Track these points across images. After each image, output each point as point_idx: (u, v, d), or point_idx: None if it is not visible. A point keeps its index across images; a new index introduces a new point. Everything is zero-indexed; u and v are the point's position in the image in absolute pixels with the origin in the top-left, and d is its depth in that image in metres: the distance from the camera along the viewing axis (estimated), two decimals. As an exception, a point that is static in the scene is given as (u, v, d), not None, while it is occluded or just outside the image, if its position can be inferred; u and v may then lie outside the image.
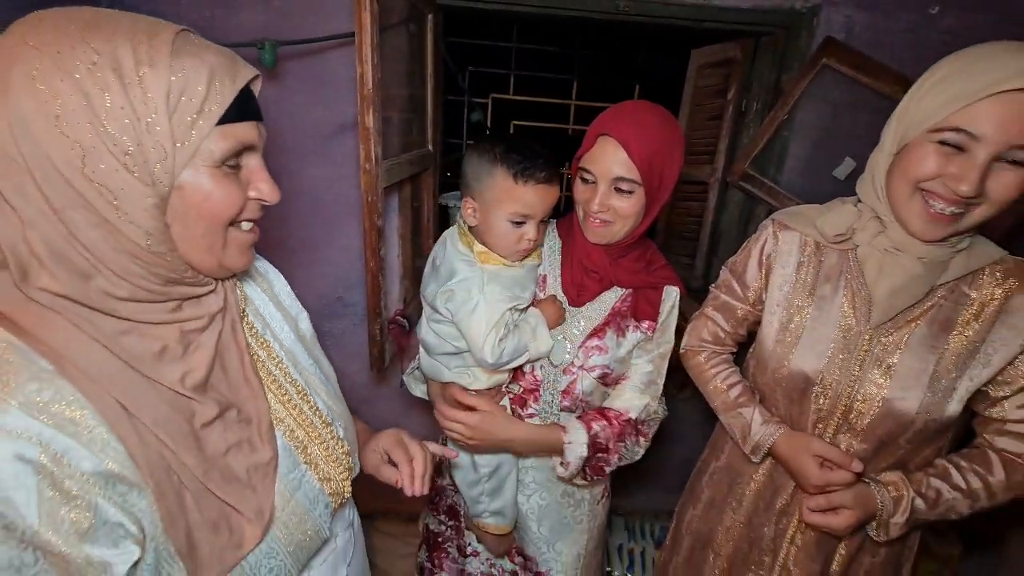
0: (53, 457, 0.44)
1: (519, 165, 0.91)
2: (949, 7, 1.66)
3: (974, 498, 0.88)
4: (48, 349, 0.48)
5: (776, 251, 1.00)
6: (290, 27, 1.54)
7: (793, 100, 1.68)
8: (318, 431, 0.69)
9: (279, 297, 0.78)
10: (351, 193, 1.71)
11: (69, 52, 0.45)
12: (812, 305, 0.94)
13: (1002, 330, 0.83)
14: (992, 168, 0.72)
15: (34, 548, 0.43)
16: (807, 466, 0.92)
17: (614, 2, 1.61)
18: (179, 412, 0.53)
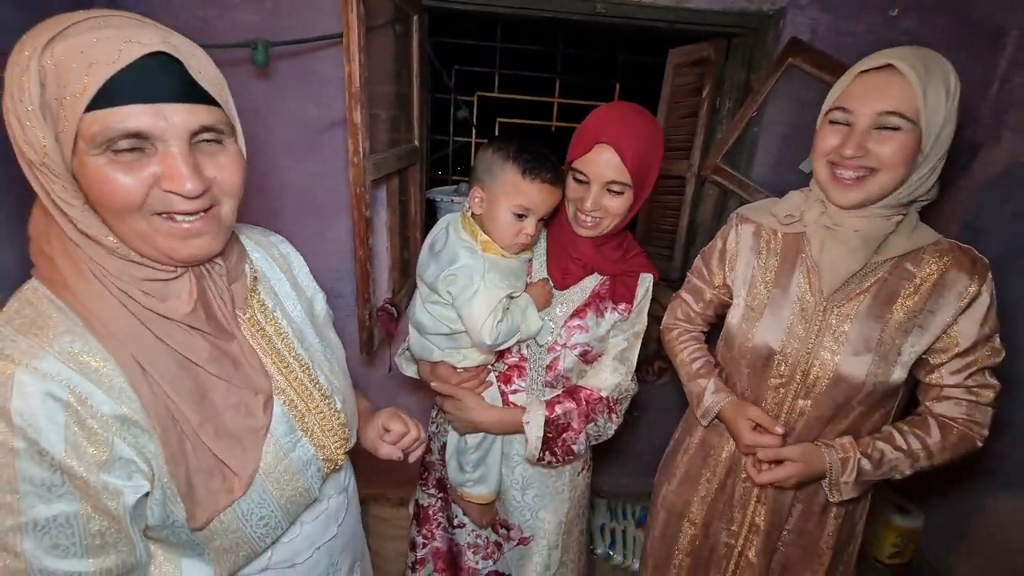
0: (79, 399, 0.52)
1: (529, 163, 0.99)
2: (908, 10, 1.76)
3: (914, 458, 0.98)
4: (82, 307, 0.55)
5: (739, 241, 1.11)
6: (281, 27, 1.60)
7: (761, 98, 1.77)
8: (316, 403, 0.74)
9: (297, 278, 0.83)
10: (341, 188, 1.78)
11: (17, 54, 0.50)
12: (773, 285, 1.05)
13: (937, 301, 0.93)
14: (872, 136, 0.87)
15: (62, 472, 0.50)
16: (742, 429, 1.04)
17: (591, 4, 1.69)
18: (184, 370, 0.59)
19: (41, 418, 0.49)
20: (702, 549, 1.19)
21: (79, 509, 0.51)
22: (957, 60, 1.84)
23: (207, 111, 0.55)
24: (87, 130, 0.49)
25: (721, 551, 1.16)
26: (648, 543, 1.31)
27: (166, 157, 0.52)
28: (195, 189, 0.53)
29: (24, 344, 0.51)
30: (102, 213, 0.53)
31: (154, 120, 0.51)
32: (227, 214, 0.61)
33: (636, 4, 1.71)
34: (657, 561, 1.27)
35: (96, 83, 0.48)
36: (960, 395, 0.96)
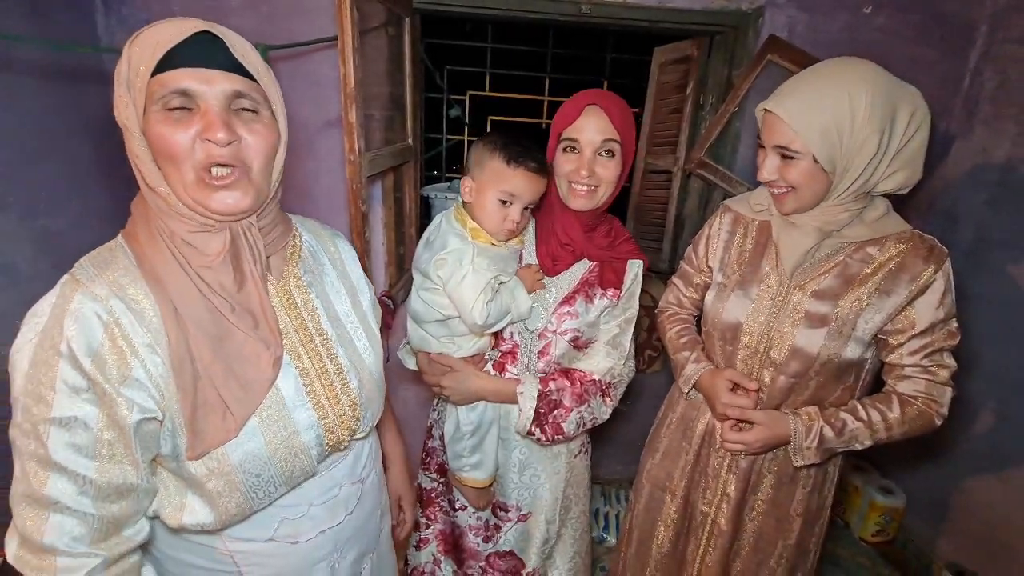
0: (115, 321, 0.64)
1: (513, 152, 1.05)
2: (881, 8, 1.83)
3: (873, 429, 1.04)
4: (143, 254, 0.68)
5: (721, 228, 1.21)
6: (277, 30, 1.66)
7: (742, 94, 1.84)
8: (328, 376, 0.80)
9: (346, 267, 0.93)
10: (338, 185, 1.83)
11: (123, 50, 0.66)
12: (745, 266, 1.13)
13: (892, 283, 1.00)
14: (783, 161, 1.00)
15: (89, 379, 0.62)
16: (720, 388, 1.12)
17: (577, 6, 1.75)
18: (210, 315, 0.68)
19: (84, 330, 0.62)
20: (682, 520, 1.26)
21: (97, 414, 0.62)
22: (929, 55, 1.93)
23: (243, 81, 0.67)
24: (151, 91, 0.63)
25: (698, 519, 1.23)
26: (631, 517, 1.37)
27: (206, 112, 0.64)
28: (224, 137, 0.64)
29: (91, 272, 0.66)
30: (160, 164, 0.65)
31: (198, 82, 0.63)
32: (257, 176, 0.70)
33: (621, 5, 1.77)
34: (642, 534, 1.33)
35: (159, 54, 0.62)
36: (918, 374, 1.03)
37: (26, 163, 1.35)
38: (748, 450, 1.11)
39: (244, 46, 0.68)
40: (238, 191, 0.68)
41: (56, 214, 1.44)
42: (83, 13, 1.57)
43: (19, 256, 1.33)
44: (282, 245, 0.80)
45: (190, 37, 0.63)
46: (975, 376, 1.91)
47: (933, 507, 2.08)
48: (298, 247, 0.84)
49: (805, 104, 0.94)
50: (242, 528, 0.75)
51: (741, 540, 1.21)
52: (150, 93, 0.63)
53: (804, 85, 0.97)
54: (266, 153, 0.70)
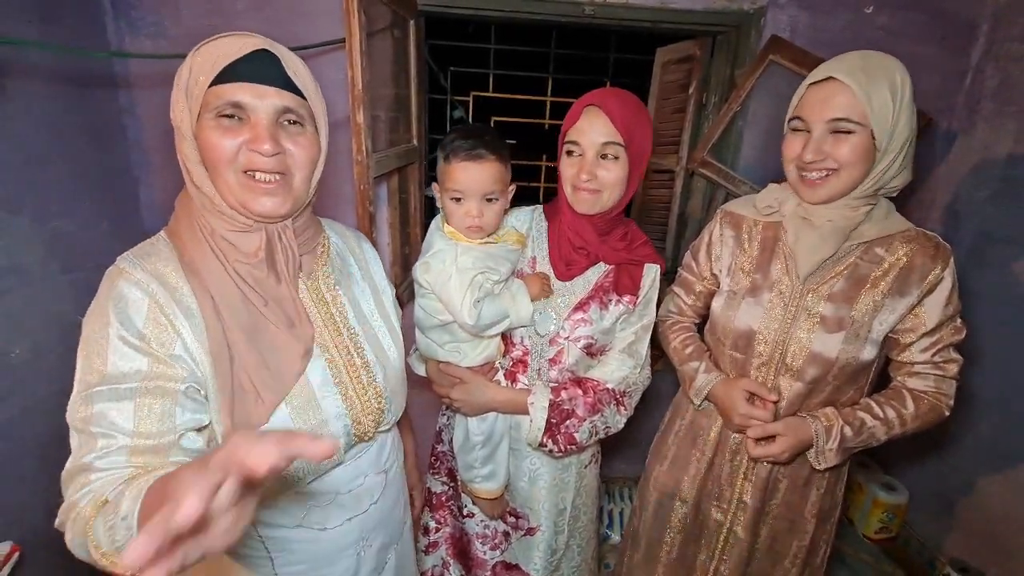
0: (157, 302, 0.68)
1: (449, 146, 1.02)
2: (883, 6, 1.84)
3: (889, 426, 1.05)
4: (184, 248, 0.73)
5: (723, 234, 1.18)
6: (282, 33, 1.64)
7: (745, 93, 1.85)
8: (356, 368, 0.84)
9: (372, 272, 0.98)
10: (342, 186, 1.84)
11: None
12: (754, 271, 1.11)
13: (905, 283, 1.00)
14: (829, 140, 0.96)
15: (140, 338, 0.66)
16: (736, 400, 1.09)
17: (579, 6, 1.76)
18: (245, 306, 0.73)
19: (130, 307, 0.67)
20: (693, 526, 1.25)
21: (149, 365, 0.66)
22: (930, 53, 1.94)
23: (292, 98, 0.71)
24: (208, 100, 0.67)
25: (711, 527, 1.21)
26: (639, 523, 1.36)
27: (255, 124, 0.69)
28: (270, 149, 0.69)
29: (133, 261, 0.71)
30: (207, 166, 0.70)
31: (251, 96, 0.68)
32: (298, 185, 0.75)
33: (623, 6, 1.78)
34: (650, 540, 1.32)
35: (219, 67, 0.67)
36: (929, 370, 1.04)
37: (37, 166, 1.37)
38: (776, 460, 1.09)
39: (297, 65, 0.73)
40: (279, 197, 0.73)
41: (66, 216, 1.45)
42: (93, 17, 1.59)
43: (31, 258, 1.34)
44: (313, 246, 0.86)
45: (249, 53, 0.68)
46: (978, 372, 1.92)
47: (936, 503, 2.09)
48: (327, 248, 0.89)
49: (868, 75, 0.92)
50: (272, 514, 0.78)
51: (756, 545, 1.20)
52: (206, 102, 0.67)
53: (859, 60, 0.94)
54: (308, 163, 0.75)
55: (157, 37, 1.65)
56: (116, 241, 0.77)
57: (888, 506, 2.13)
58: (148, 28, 1.64)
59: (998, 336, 1.86)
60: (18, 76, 1.30)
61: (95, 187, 1.55)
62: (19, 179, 1.31)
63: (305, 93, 0.73)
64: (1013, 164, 1.83)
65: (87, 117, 1.52)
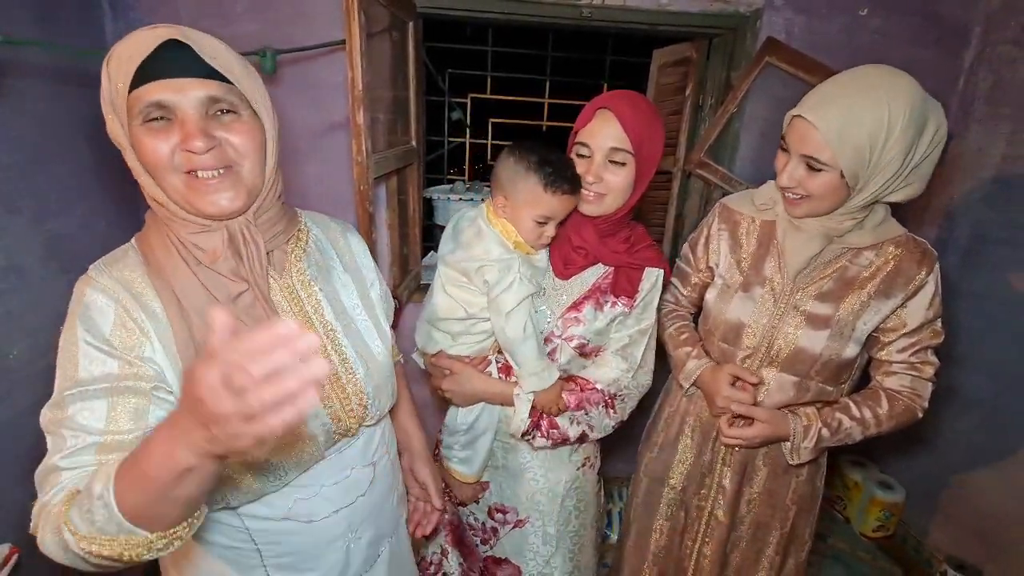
0: (125, 307, 0.69)
1: (550, 177, 1.02)
2: (877, 9, 1.86)
3: (865, 426, 1.08)
4: (151, 253, 0.72)
5: (720, 228, 1.21)
6: (281, 35, 1.68)
7: (741, 95, 1.86)
8: (334, 367, 0.81)
9: (356, 260, 0.95)
10: (341, 187, 1.85)
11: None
12: (748, 267, 1.14)
13: (890, 286, 1.04)
14: (801, 169, 0.98)
15: (108, 344, 0.67)
16: (721, 382, 1.12)
17: (577, 9, 1.78)
18: (211, 304, 0.71)
19: (97, 312, 0.68)
20: (679, 513, 1.28)
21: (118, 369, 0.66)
22: (924, 56, 1.97)
23: (217, 86, 0.67)
24: (130, 106, 0.64)
25: (693, 514, 1.26)
26: (631, 511, 1.39)
27: (183, 122, 0.65)
28: (202, 146, 0.65)
29: (101, 268, 0.71)
30: (150, 173, 0.68)
31: (171, 93, 0.64)
32: (248, 175, 0.71)
33: (620, 8, 1.80)
34: (640, 527, 1.35)
35: (131, 69, 0.63)
36: (905, 370, 1.08)
37: (36, 167, 1.37)
38: (745, 445, 1.13)
39: (215, 49, 0.68)
40: (230, 191, 0.69)
41: (65, 217, 1.46)
42: (91, 17, 1.59)
43: (30, 258, 1.35)
44: (285, 240, 0.82)
45: (160, 48, 0.63)
46: (972, 371, 1.94)
47: (933, 501, 2.10)
48: (304, 241, 0.86)
49: (844, 117, 0.90)
50: (257, 506, 0.78)
51: (739, 531, 1.23)
52: (130, 108, 0.64)
53: (844, 96, 0.92)
54: (253, 150, 0.71)
55: (156, 38, 1.65)
56: (114, 241, 0.76)
57: (885, 504, 2.14)
58: (147, 29, 1.64)
59: (992, 337, 1.88)
60: (17, 76, 1.31)
61: (93, 187, 1.56)
62: (18, 179, 1.31)
63: (230, 77, 0.68)
64: (1007, 166, 1.85)
65: (85, 117, 1.52)
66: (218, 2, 1.67)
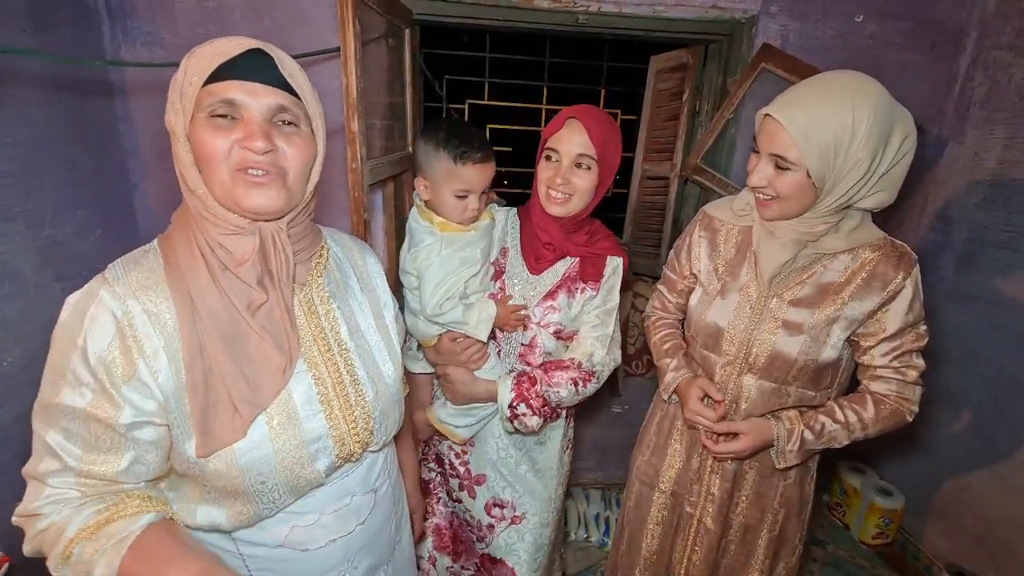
0: (130, 321, 0.68)
1: (458, 149, 1.10)
2: (872, 15, 1.87)
3: (850, 429, 1.08)
4: (171, 251, 0.72)
5: (700, 236, 1.23)
6: (279, 42, 1.64)
7: (737, 100, 1.87)
8: (344, 386, 0.80)
9: (372, 282, 0.95)
10: (337, 193, 1.85)
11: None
12: (726, 272, 1.16)
13: (865, 290, 1.04)
14: (770, 169, 0.99)
15: (92, 375, 0.66)
16: (689, 398, 1.15)
17: (573, 15, 1.78)
18: (228, 313, 0.71)
19: (98, 326, 0.67)
20: (670, 518, 1.29)
21: (93, 406, 0.66)
22: (920, 61, 1.97)
23: (286, 97, 0.70)
24: (200, 99, 0.67)
25: (685, 519, 1.26)
26: (624, 515, 1.40)
27: (248, 122, 0.68)
28: (262, 146, 0.68)
29: (119, 271, 0.71)
30: (201, 166, 0.69)
31: (244, 94, 0.67)
32: (291, 183, 0.73)
33: (617, 15, 1.80)
34: (632, 532, 1.36)
35: (213, 65, 0.66)
36: (890, 374, 1.08)
37: (33, 174, 1.37)
38: (736, 457, 1.14)
39: (293, 66, 0.72)
40: (272, 191, 0.71)
41: (61, 224, 1.46)
42: (89, 26, 1.60)
43: (26, 264, 1.34)
44: (309, 255, 0.83)
45: (244, 53, 0.67)
46: (970, 375, 1.93)
47: (932, 508, 2.09)
48: (325, 258, 0.87)
49: (809, 117, 0.93)
50: (253, 532, 0.76)
51: (728, 536, 1.23)
52: (199, 101, 0.67)
53: (811, 97, 0.95)
54: (302, 163, 0.73)
55: (153, 46, 1.66)
56: (110, 249, 0.76)
57: (884, 511, 2.13)
58: (144, 37, 1.65)
59: (990, 340, 1.88)
60: (14, 84, 1.31)
61: (90, 195, 1.56)
62: (14, 186, 1.31)
63: (300, 94, 0.72)
64: (1003, 170, 1.85)
65: (83, 125, 1.52)
66: (216, 8, 1.67)
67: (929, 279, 2.02)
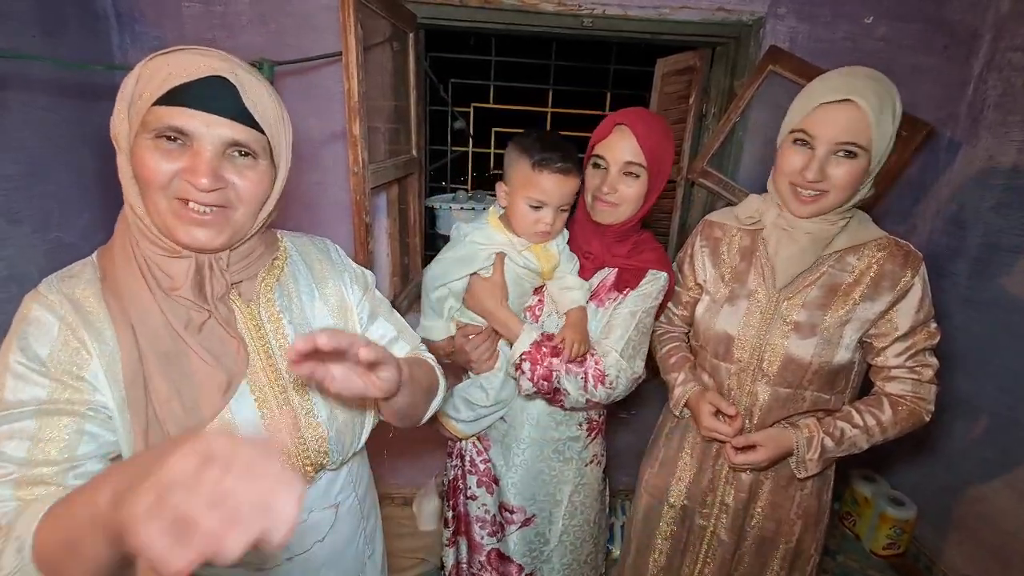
0: (71, 326, 0.64)
1: (539, 155, 1.05)
2: (882, 17, 1.84)
3: (870, 433, 1.07)
4: (109, 265, 0.68)
5: (701, 245, 1.21)
6: (285, 46, 1.70)
7: (744, 103, 1.84)
8: (293, 409, 0.74)
9: (344, 292, 0.87)
10: (342, 196, 1.86)
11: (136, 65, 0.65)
12: (732, 280, 1.14)
13: (875, 290, 1.03)
14: (830, 160, 0.96)
15: (42, 365, 0.62)
16: (702, 413, 1.12)
17: (579, 19, 1.77)
18: (166, 331, 0.67)
19: (38, 328, 0.63)
20: (680, 532, 1.26)
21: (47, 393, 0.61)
22: (932, 63, 1.94)
23: (245, 131, 0.65)
24: (148, 118, 0.62)
25: (696, 532, 1.23)
26: (631, 526, 1.38)
27: (196, 154, 0.63)
28: (208, 184, 0.63)
29: (54, 284, 0.67)
30: (139, 186, 0.65)
31: (197, 124, 0.62)
32: (238, 218, 0.68)
33: (622, 18, 1.79)
34: (639, 545, 1.33)
35: (167, 86, 0.61)
36: (904, 374, 1.06)
37: (40, 177, 1.38)
38: (754, 468, 1.12)
39: (260, 94, 0.66)
40: (212, 230, 0.66)
41: (68, 226, 1.47)
42: (97, 31, 1.62)
43: (32, 267, 1.36)
44: (257, 270, 0.77)
45: (203, 78, 0.62)
46: (985, 381, 1.89)
47: (945, 518, 2.05)
48: (278, 268, 0.81)
49: (880, 100, 0.92)
50: None
51: (742, 548, 1.21)
52: (146, 120, 0.62)
53: (864, 82, 0.93)
54: (254, 197, 0.69)
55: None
56: None
57: (896, 521, 2.09)
58: (152, 42, 1.66)
59: (1005, 347, 1.83)
60: (22, 88, 1.33)
61: (95, 198, 1.57)
62: (21, 190, 1.33)
63: (263, 126, 0.67)
64: (1017, 173, 1.81)
65: (89, 129, 1.53)
66: (223, 13, 1.68)
67: (942, 284, 2.00)
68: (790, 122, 1.02)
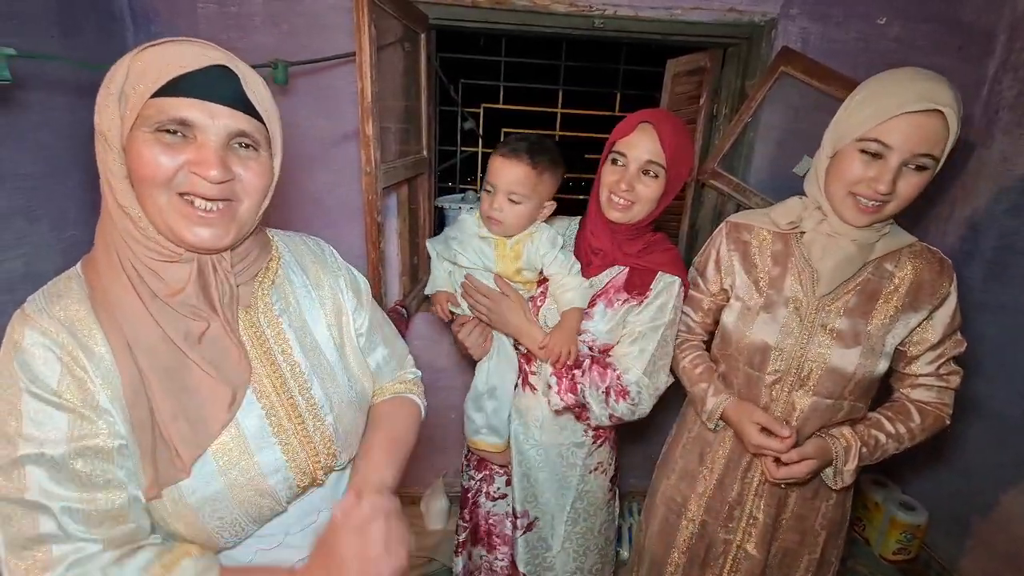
0: (70, 354, 0.60)
1: (503, 142, 1.14)
2: (895, 18, 1.82)
3: (899, 441, 1.06)
4: (95, 277, 0.63)
5: (729, 249, 1.15)
6: (297, 47, 1.71)
7: (756, 104, 1.83)
8: (300, 412, 0.73)
9: (340, 291, 0.85)
10: (352, 196, 1.86)
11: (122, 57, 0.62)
12: (767, 286, 1.09)
13: (916, 298, 1.01)
14: (901, 172, 0.91)
15: (57, 397, 0.58)
16: (749, 432, 1.06)
17: (589, 19, 1.77)
18: (166, 346, 0.64)
19: (38, 361, 0.59)
20: (698, 547, 1.22)
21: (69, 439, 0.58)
22: (946, 64, 1.92)
23: (248, 121, 0.64)
24: (147, 111, 0.59)
25: (719, 548, 1.18)
26: (645, 538, 1.33)
27: (202, 146, 0.61)
28: (218, 176, 0.61)
29: (41, 305, 0.62)
30: (136, 185, 0.62)
31: (201, 114, 0.60)
32: (243, 213, 0.67)
33: (633, 18, 1.79)
34: (655, 557, 1.29)
35: (165, 77, 0.58)
36: (932, 382, 1.06)
37: (57, 176, 1.40)
38: (796, 481, 1.08)
39: (258, 85, 0.65)
40: (220, 228, 0.64)
41: (84, 225, 1.49)
42: (113, 31, 1.63)
43: (50, 265, 1.37)
44: (254, 273, 0.75)
45: (205, 68, 0.60)
46: (999, 386, 1.87)
47: (956, 524, 2.02)
48: (273, 270, 0.78)
49: (958, 108, 0.87)
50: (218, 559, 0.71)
51: (768, 561, 1.18)
52: (143, 114, 0.59)
53: (946, 93, 0.87)
54: (260, 190, 0.67)
55: (175, 51, 1.69)
56: None
57: (906, 526, 2.07)
58: (167, 42, 1.68)
59: (1020, 350, 1.81)
60: (39, 89, 1.34)
61: (112, 197, 1.59)
62: (39, 188, 1.34)
63: (264, 116, 0.66)
64: (1033, 176, 1.79)
65: (106, 129, 1.55)
66: (236, 14, 1.70)
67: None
68: (856, 127, 0.93)
